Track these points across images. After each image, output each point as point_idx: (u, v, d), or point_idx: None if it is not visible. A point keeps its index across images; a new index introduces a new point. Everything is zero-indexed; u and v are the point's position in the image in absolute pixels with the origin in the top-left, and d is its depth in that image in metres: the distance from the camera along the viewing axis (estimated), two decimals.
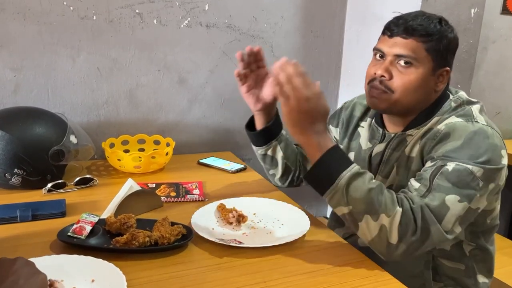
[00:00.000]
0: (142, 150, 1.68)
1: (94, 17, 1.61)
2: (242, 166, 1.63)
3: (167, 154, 1.57)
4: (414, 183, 1.00)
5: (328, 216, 2.21)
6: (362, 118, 1.28)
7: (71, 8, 1.57)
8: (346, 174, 0.93)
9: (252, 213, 1.21)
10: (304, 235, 1.09)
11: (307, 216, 1.17)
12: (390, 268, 1.05)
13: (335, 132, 1.37)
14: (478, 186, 0.96)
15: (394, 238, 0.93)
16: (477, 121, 1.02)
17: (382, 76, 1.06)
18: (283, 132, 1.29)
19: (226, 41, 1.82)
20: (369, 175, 0.96)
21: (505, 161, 1.01)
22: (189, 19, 1.74)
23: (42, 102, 1.60)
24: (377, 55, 1.10)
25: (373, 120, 1.23)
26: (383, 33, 1.10)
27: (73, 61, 1.62)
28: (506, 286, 1.63)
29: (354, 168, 0.94)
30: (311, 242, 1.08)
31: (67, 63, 1.62)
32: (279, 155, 1.29)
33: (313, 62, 2.01)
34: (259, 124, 1.25)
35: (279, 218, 1.19)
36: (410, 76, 1.04)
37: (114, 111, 1.72)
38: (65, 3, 1.56)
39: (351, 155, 1.28)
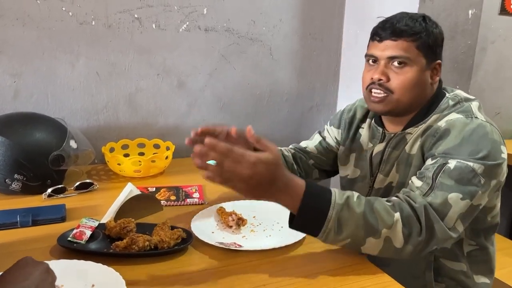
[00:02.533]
0: (142, 154, 1.68)
1: (93, 22, 1.61)
2: None
3: (167, 158, 1.57)
4: (416, 182, 1.01)
5: None
6: (362, 120, 1.31)
7: (70, 13, 1.58)
8: (332, 213, 0.89)
9: (252, 216, 1.21)
10: (303, 238, 1.08)
11: None
12: (392, 269, 1.05)
13: (336, 133, 1.38)
14: (480, 183, 0.98)
15: (399, 243, 0.93)
16: (476, 117, 1.05)
17: (380, 79, 1.10)
18: None
19: (225, 45, 1.83)
20: (352, 196, 0.93)
21: (504, 156, 1.03)
22: (187, 23, 1.75)
23: (41, 107, 1.61)
24: (370, 61, 1.14)
25: (373, 121, 1.25)
26: (372, 39, 1.14)
27: (72, 66, 1.63)
28: (508, 287, 1.62)
29: (336, 199, 0.90)
30: (310, 244, 1.08)
31: (67, 68, 1.62)
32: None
33: (312, 64, 2.01)
34: None
35: (278, 221, 1.19)
36: (406, 75, 1.08)
37: (113, 115, 1.73)
38: (63, 8, 1.57)
39: (353, 156, 1.29)
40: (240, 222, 1.14)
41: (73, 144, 1.41)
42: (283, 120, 2.03)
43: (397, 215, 0.93)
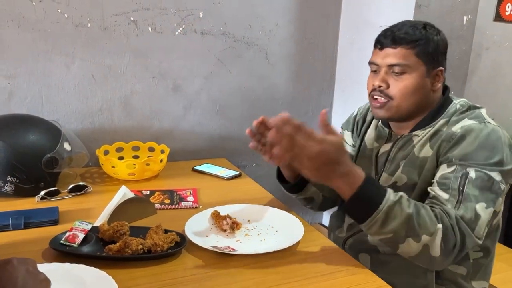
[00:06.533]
0: (136, 157, 1.67)
1: (89, 25, 1.61)
2: (237, 173, 1.63)
3: (161, 161, 1.56)
4: (441, 194, 1.02)
5: (323, 222, 2.21)
6: (371, 121, 1.32)
7: (66, 15, 1.57)
8: (385, 205, 0.93)
9: (246, 220, 1.20)
10: (298, 242, 1.08)
11: (301, 223, 1.17)
12: (393, 268, 1.06)
13: (350, 136, 1.37)
14: (500, 189, 1.02)
15: (436, 253, 0.95)
16: (489, 122, 1.09)
17: (380, 86, 1.13)
18: None
19: (221, 48, 1.83)
20: (404, 196, 0.96)
21: None
22: (183, 26, 1.75)
23: (36, 109, 1.60)
24: (373, 68, 1.17)
25: (380, 122, 1.27)
26: (374, 46, 1.17)
27: (67, 68, 1.62)
28: None
29: (390, 196, 0.94)
30: (305, 249, 1.08)
31: (62, 70, 1.61)
32: (314, 193, 1.28)
33: (307, 69, 2.02)
34: (287, 176, 1.22)
35: (273, 225, 1.19)
36: (405, 82, 1.11)
37: (108, 118, 1.72)
38: (59, 10, 1.56)
39: (358, 155, 1.31)
40: (234, 226, 1.14)
41: (67, 146, 1.40)
42: None
43: (439, 226, 0.95)
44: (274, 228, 1.18)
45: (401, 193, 0.97)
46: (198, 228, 1.14)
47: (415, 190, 1.13)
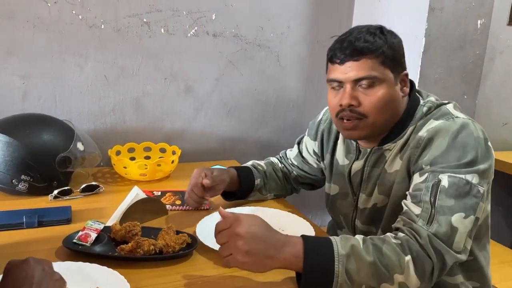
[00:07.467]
0: (148, 157, 1.69)
1: (102, 26, 1.62)
2: None
3: (172, 162, 1.57)
4: (413, 209, 0.94)
5: None
6: (339, 132, 1.24)
7: (80, 17, 1.59)
8: (339, 267, 0.84)
9: None
10: None
11: (311, 226, 1.17)
12: None
13: (313, 145, 1.33)
14: (478, 193, 0.93)
15: (415, 284, 0.87)
16: (457, 117, 1.00)
17: (350, 104, 1.01)
18: (256, 182, 1.33)
19: (232, 50, 1.83)
20: (358, 244, 0.87)
21: (492, 152, 0.99)
22: (196, 28, 1.76)
23: (49, 109, 1.62)
24: (334, 86, 1.05)
25: None
26: (331, 61, 1.05)
27: (80, 69, 1.64)
28: None
29: (339, 251, 0.85)
30: None
31: (75, 71, 1.63)
32: (265, 194, 1.38)
33: (319, 72, 2.01)
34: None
35: (283, 228, 1.18)
36: (377, 94, 1.00)
37: (120, 118, 1.74)
38: (74, 12, 1.58)
39: (331, 172, 1.25)
40: None
41: (80, 146, 1.42)
42: (289, 127, 2.03)
43: (408, 258, 0.87)
44: (284, 231, 1.16)
45: (353, 240, 0.88)
46: (209, 229, 1.13)
47: (387, 211, 1.08)
